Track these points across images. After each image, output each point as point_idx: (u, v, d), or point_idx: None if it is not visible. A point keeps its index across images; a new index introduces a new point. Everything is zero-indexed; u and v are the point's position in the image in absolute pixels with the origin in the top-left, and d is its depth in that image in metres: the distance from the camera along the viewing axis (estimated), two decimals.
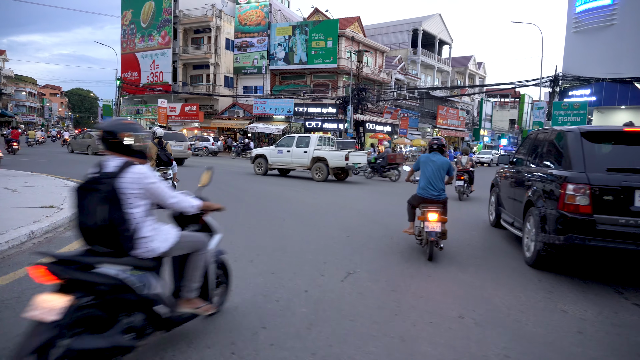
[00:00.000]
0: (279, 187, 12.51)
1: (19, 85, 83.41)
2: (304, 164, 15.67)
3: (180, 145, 19.64)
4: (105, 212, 2.37)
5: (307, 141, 15.71)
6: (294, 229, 6.76)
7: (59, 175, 12.45)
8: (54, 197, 7.55)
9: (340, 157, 14.90)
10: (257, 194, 10.53)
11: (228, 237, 6.11)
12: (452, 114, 53.96)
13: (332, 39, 38.47)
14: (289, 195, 10.75)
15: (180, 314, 2.83)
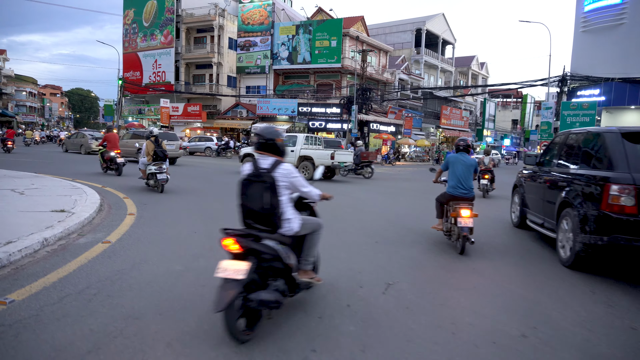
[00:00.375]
0: None
1: (19, 85, 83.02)
2: (291, 162, 15.20)
3: (172, 144, 19.98)
4: (268, 198, 3.08)
5: (295, 140, 15.75)
6: None
7: (63, 175, 12.10)
8: (63, 200, 7.21)
9: (326, 156, 15.11)
10: None
11: None
12: (456, 114, 53.63)
13: (336, 38, 38.13)
14: None
15: (301, 282, 3.44)
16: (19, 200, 7.05)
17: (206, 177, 14.45)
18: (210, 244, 5.37)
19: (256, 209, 3.11)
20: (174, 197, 9.22)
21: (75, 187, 8.96)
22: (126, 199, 8.51)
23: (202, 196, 9.64)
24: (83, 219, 5.87)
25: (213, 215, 7.39)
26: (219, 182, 12.96)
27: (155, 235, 5.71)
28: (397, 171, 25.30)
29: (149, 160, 9.95)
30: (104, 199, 8.09)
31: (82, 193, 8.17)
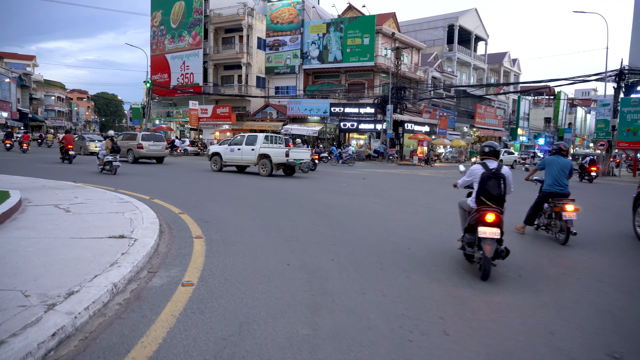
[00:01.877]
0: (268, 185, 10.87)
1: (48, 90, 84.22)
2: (252, 160, 16.87)
3: (158, 145, 21.69)
4: (503, 188, 4.70)
5: (254, 139, 16.89)
6: (344, 238, 5.10)
7: (103, 185, 11.09)
8: (117, 220, 6.07)
9: (281, 154, 16.01)
10: (248, 193, 8.95)
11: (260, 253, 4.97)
12: (490, 112, 51.57)
13: (369, 35, 36.77)
14: (293, 193, 9.10)
15: None
16: (67, 220, 5.93)
17: (241, 182, 13.28)
18: (317, 283, 4.12)
19: (495, 194, 4.66)
20: (231, 211, 8.04)
21: (124, 201, 7.85)
22: (182, 215, 7.35)
23: (258, 207, 8.44)
24: (149, 249, 4.69)
25: (289, 234, 6.16)
26: (251, 186, 11.79)
27: (241, 270, 4.48)
28: (443, 173, 23.71)
29: (107, 151, 14.78)
30: (159, 216, 6.93)
31: (134, 209, 7.04)
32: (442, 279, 4.49)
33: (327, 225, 7.05)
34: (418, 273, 4.68)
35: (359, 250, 5.54)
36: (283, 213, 8.08)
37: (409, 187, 14.49)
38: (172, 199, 9.13)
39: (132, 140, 21.65)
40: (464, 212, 5.24)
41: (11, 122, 59.08)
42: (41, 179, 11.39)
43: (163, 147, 21.97)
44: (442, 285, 4.31)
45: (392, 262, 5.05)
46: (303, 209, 8.62)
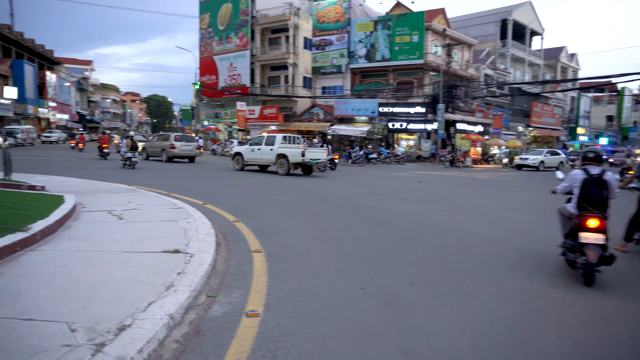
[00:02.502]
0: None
1: (104, 93, 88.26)
2: (270, 160, 17.45)
3: (189, 145, 22.75)
4: (606, 193, 4.60)
5: (273, 140, 17.42)
6: (411, 252, 4.30)
7: (153, 187, 10.90)
8: (171, 230, 5.66)
9: (297, 154, 16.48)
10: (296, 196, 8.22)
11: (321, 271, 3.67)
12: (547, 111, 48.83)
13: (418, 32, 35.53)
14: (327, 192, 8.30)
15: None
16: (120, 230, 5.58)
17: (289, 186, 12.75)
18: (402, 316, 3.45)
19: (597, 199, 4.61)
20: (286, 218, 7.50)
21: (177, 207, 7.49)
22: (238, 223, 6.88)
23: (312, 213, 7.86)
24: (207, 267, 4.18)
25: (352, 248, 5.52)
26: (299, 189, 11.21)
27: (310, 295, 3.89)
28: (513, 177, 22.27)
29: (128, 149, 17.11)
30: (214, 225, 6.49)
31: (188, 216, 6.64)
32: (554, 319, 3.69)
33: (391, 238, 6.36)
34: (517, 303, 3.90)
35: (438, 271, 4.81)
36: (342, 222, 7.45)
37: (471, 192, 13.48)
38: (225, 205, 8.72)
39: (165, 141, 22.89)
40: (564, 218, 5.17)
41: (71, 124, 62.22)
42: (96, 181, 11.37)
43: (194, 147, 23.06)
44: (559, 328, 3.52)
45: (481, 288, 4.30)
46: (360, 217, 7.96)
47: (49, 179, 10.96)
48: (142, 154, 24.26)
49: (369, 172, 21.31)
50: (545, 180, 19.99)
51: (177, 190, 10.66)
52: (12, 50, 47.73)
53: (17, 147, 34.78)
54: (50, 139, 45.12)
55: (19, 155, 23.52)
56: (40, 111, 50.17)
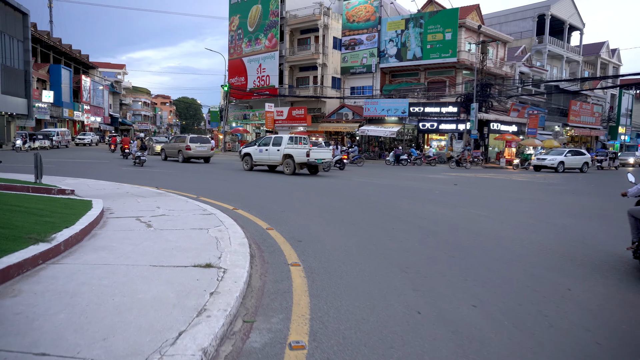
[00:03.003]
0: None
1: (135, 96, 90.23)
2: (277, 160, 17.93)
3: (204, 146, 23.87)
4: None
5: (280, 141, 17.94)
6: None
7: (181, 190, 10.62)
8: (202, 240, 5.26)
9: (302, 154, 16.92)
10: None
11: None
12: (586, 109, 46.69)
13: (451, 30, 34.49)
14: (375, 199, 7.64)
15: None
16: (148, 239, 5.21)
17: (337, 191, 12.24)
18: (471, 350, 2.89)
19: None
20: (322, 225, 7.01)
21: (207, 213, 7.11)
22: (271, 231, 6.45)
23: (350, 220, 7.33)
24: (242, 285, 3.73)
25: (400, 260, 4.98)
26: (336, 193, 10.68)
27: (360, 321, 3.37)
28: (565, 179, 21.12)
29: (138, 149, 19.92)
30: (247, 233, 6.07)
31: (219, 224, 6.24)
32: None
33: (441, 249, 5.77)
34: (612, 337, 3.28)
35: (503, 290, 4.21)
36: (382, 230, 6.90)
37: (512, 196, 12.66)
38: (256, 210, 8.32)
39: (182, 142, 23.96)
40: (635, 221, 5.02)
41: (104, 126, 63.80)
42: (126, 184, 11.20)
43: (209, 148, 24.18)
44: None
45: (560, 314, 3.68)
46: (404, 224, 7.39)
47: (79, 182, 10.85)
48: (161, 155, 25.86)
49: (398, 173, 20.61)
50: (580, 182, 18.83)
51: (206, 193, 10.35)
52: (50, 56, 49.22)
53: (53, 149, 35.75)
54: (84, 141, 46.24)
55: (53, 157, 24.01)
56: (75, 114, 51.57)
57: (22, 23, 39.19)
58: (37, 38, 44.20)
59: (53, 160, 21.46)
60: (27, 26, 39.57)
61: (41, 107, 43.02)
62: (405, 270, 4.75)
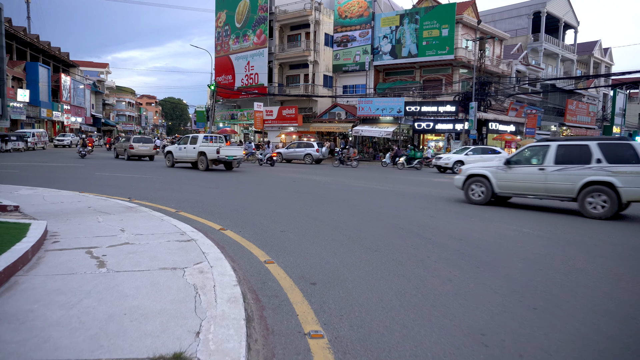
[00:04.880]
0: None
1: (119, 96, 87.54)
2: (194, 157, 19.54)
3: (146, 146, 26.41)
4: None
5: (196, 139, 19.65)
6: None
7: (157, 201, 8.89)
8: (174, 295, 3.59)
9: (213, 151, 18.49)
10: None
11: None
12: (582, 109, 45.86)
13: (448, 26, 33.12)
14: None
15: None
16: (92, 293, 3.50)
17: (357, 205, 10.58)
18: None
19: None
20: (337, 252, 5.36)
21: (185, 239, 5.41)
22: (271, 265, 4.77)
23: (371, 244, 5.71)
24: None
25: (466, 318, 3.37)
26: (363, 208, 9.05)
27: None
28: None
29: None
30: (239, 275, 4.39)
31: (200, 258, 4.56)
32: None
33: (509, 292, 4.16)
34: None
35: None
36: (417, 259, 5.27)
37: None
38: (249, 229, 6.65)
39: (127, 142, 26.90)
40: None
41: (85, 127, 61.22)
42: (92, 195, 9.41)
43: (151, 148, 26.60)
44: None
45: None
46: (444, 251, 5.75)
47: (34, 193, 9.03)
48: (114, 153, 29.62)
49: (402, 177, 19.05)
50: None
51: (186, 205, 8.62)
52: (27, 53, 46.72)
53: (28, 151, 33.51)
54: (64, 142, 43.96)
55: (24, 160, 21.97)
56: (54, 114, 49.10)
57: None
58: (12, 34, 41.78)
59: (20, 164, 19.47)
60: (0, 21, 37.23)
61: (16, 107, 40.61)
62: (481, 341, 3.12)
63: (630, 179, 8.46)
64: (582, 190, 8.92)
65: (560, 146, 9.41)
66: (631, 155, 8.59)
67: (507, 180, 10.01)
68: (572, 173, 9.08)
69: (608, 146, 8.91)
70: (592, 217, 8.78)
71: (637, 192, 8.47)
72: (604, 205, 8.68)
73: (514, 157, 10.10)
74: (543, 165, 9.46)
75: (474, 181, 10.52)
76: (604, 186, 8.68)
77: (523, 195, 9.92)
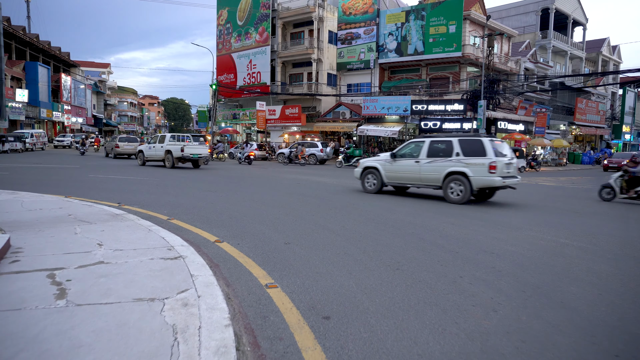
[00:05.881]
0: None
1: (121, 96, 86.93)
2: (161, 156, 20.19)
3: (131, 145, 27.60)
4: None
5: (164, 139, 20.42)
6: None
7: (149, 207, 8.06)
8: (144, 340, 2.76)
9: (178, 150, 19.31)
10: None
11: None
12: (592, 107, 44.77)
13: (455, 22, 32.19)
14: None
15: None
16: (37, 338, 2.66)
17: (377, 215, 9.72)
18: None
19: None
20: (352, 271, 4.51)
21: (171, 257, 4.56)
22: (273, 290, 3.92)
23: (389, 259, 4.87)
24: None
25: None
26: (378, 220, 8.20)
27: None
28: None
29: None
30: (232, 306, 3.53)
31: (187, 285, 3.71)
32: None
33: (572, 327, 3.30)
34: None
35: None
36: (448, 279, 4.40)
37: (578, 210, 10.26)
38: (248, 239, 5.80)
39: (114, 141, 28.66)
40: None
41: (86, 127, 60.57)
42: (77, 200, 8.58)
43: (135, 147, 26.82)
44: None
45: None
46: (477, 269, 4.89)
47: (13, 199, 8.21)
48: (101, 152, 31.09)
49: None
50: None
51: (181, 211, 7.77)
52: (26, 53, 46.07)
53: (26, 152, 32.81)
54: (64, 143, 43.27)
55: (18, 161, 21.22)
56: (54, 114, 48.42)
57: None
58: (10, 33, 41.11)
59: (13, 166, 18.70)
60: None
61: (15, 107, 39.93)
62: None
63: (478, 169, 9.89)
64: (446, 179, 10.36)
65: (432, 142, 10.71)
66: (480, 149, 9.97)
67: (392, 172, 11.36)
68: (438, 165, 10.45)
69: (465, 142, 10.25)
70: (452, 202, 10.21)
71: (483, 180, 9.91)
72: (460, 192, 10.13)
73: (399, 151, 11.37)
74: (418, 159, 10.79)
75: (368, 173, 11.87)
76: (460, 175, 10.13)
77: (404, 185, 11.30)
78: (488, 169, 9.74)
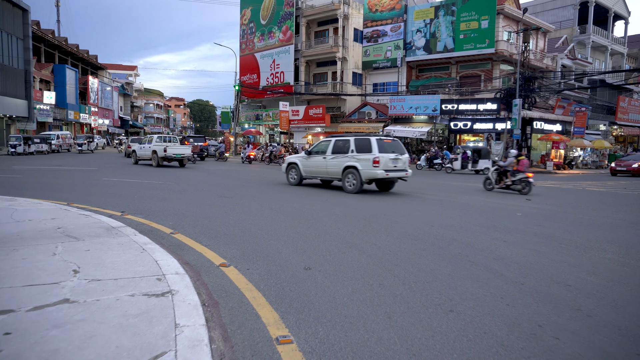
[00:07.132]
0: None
1: (148, 98, 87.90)
2: (149, 155, 21.28)
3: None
4: None
5: (151, 139, 21.50)
6: None
7: (153, 216, 7.14)
8: None
9: (161, 150, 20.26)
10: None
11: None
12: (635, 106, 42.07)
13: (488, 17, 30.57)
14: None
15: None
16: None
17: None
18: None
19: None
20: (393, 325, 3.43)
21: (160, 292, 3.56)
22: (288, 349, 2.86)
23: (435, 293, 3.76)
24: None
25: None
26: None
27: None
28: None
29: None
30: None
31: (166, 341, 2.69)
32: None
33: None
34: None
35: None
36: (525, 332, 3.25)
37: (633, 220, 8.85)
38: (262, 262, 4.76)
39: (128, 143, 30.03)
40: None
41: (112, 129, 61.20)
42: (73, 208, 7.75)
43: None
44: None
45: None
46: (558, 313, 3.72)
47: (7, 206, 7.44)
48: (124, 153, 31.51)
49: (436, 180, 16.87)
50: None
51: (188, 221, 6.80)
52: (55, 56, 46.67)
53: (52, 153, 32.89)
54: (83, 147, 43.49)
55: (38, 164, 20.89)
56: (82, 116, 48.89)
57: (21, 20, 36.53)
58: (39, 36, 41.59)
59: (31, 168, 18.30)
60: (27, 23, 36.92)
61: (43, 109, 40.31)
62: None
63: (365, 163, 11.51)
64: (344, 172, 11.97)
65: (337, 140, 12.32)
66: (368, 146, 11.58)
67: (307, 166, 13.00)
68: (339, 160, 12.04)
69: (358, 140, 11.88)
70: (348, 192, 11.86)
71: (369, 173, 11.53)
72: (353, 184, 11.78)
73: (313, 149, 12.99)
74: (325, 155, 12.38)
75: (291, 168, 13.52)
76: (353, 169, 11.75)
77: (316, 177, 12.93)
78: (372, 163, 11.33)
